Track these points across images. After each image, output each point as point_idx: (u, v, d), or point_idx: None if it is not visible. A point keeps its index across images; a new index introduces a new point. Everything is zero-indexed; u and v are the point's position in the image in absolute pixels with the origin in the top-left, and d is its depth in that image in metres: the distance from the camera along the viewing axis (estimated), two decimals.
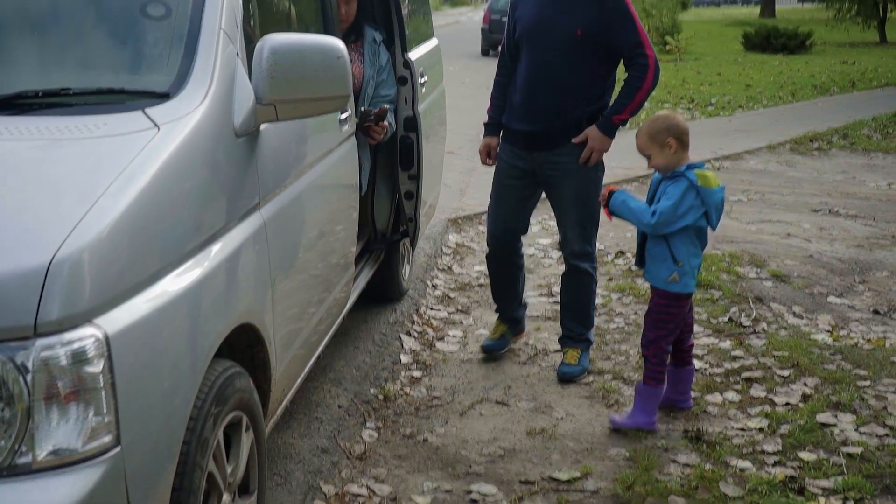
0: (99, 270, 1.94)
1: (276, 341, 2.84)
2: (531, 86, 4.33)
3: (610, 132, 4.30)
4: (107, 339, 1.91)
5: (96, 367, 1.88)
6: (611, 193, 3.90)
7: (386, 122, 4.45)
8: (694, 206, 3.75)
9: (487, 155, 4.64)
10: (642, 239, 3.96)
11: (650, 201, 3.88)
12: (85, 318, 1.89)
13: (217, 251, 2.41)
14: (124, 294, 2.01)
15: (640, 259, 3.99)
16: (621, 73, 4.37)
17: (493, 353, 4.72)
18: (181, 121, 2.34)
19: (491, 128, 4.61)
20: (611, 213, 3.95)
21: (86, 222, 1.94)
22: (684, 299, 3.93)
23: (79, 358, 1.86)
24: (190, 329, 2.23)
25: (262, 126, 2.73)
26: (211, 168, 2.43)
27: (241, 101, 2.60)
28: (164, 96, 2.43)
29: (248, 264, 2.60)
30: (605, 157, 4.40)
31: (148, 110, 2.35)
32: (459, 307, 5.54)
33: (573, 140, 4.30)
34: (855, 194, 8.40)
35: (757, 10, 54.49)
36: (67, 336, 1.86)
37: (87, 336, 1.88)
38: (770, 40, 25.39)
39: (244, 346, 2.71)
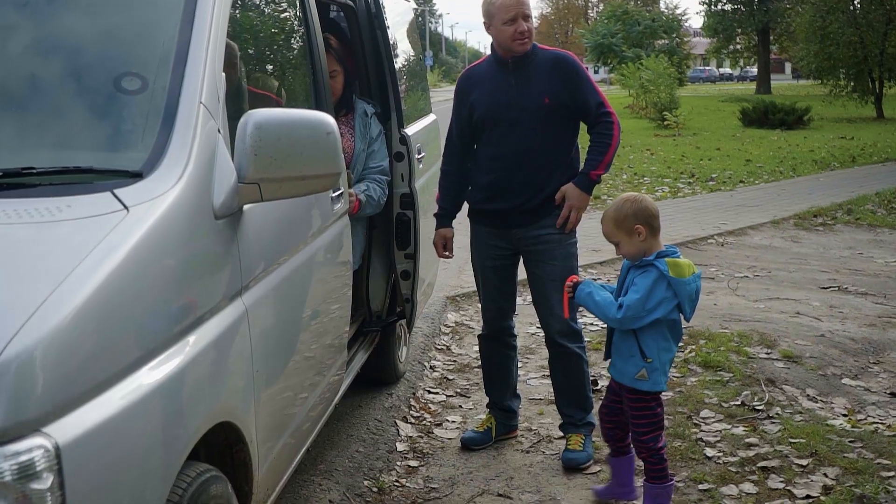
0: (52, 371, 1.73)
1: (259, 439, 2.61)
2: (507, 163, 4.20)
3: (588, 189, 4.22)
4: (57, 450, 1.69)
5: (44, 484, 1.66)
6: (576, 284, 3.64)
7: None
8: (665, 299, 3.46)
9: (444, 247, 4.51)
10: (610, 331, 3.69)
11: (620, 289, 3.62)
12: (33, 426, 1.68)
13: (192, 344, 2.19)
14: (82, 397, 1.79)
15: (609, 352, 3.72)
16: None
17: (471, 446, 4.46)
18: (153, 202, 2.15)
19: (444, 218, 4.49)
20: (573, 305, 3.71)
21: (38, 318, 1.73)
22: (656, 397, 3.65)
23: (24, 472, 1.64)
24: (159, 434, 2.01)
25: (246, 207, 2.54)
26: (186, 253, 2.23)
27: (221, 181, 2.42)
28: (136, 176, 2.25)
29: (227, 357, 2.39)
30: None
31: (117, 191, 2.16)
32: (458, 390, 5.32)
33: (556, 197, 4.19)
34: (863, 271, 8.20)
35: (752, 85, 55.20)
36: (12, 448, 1.64)
37: (34, 447, 1.66)
38: (768, 116, 25.47)
39: (222, 445, 2.48)
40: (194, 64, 2.47)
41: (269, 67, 3.54)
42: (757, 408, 4.87)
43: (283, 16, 3.60)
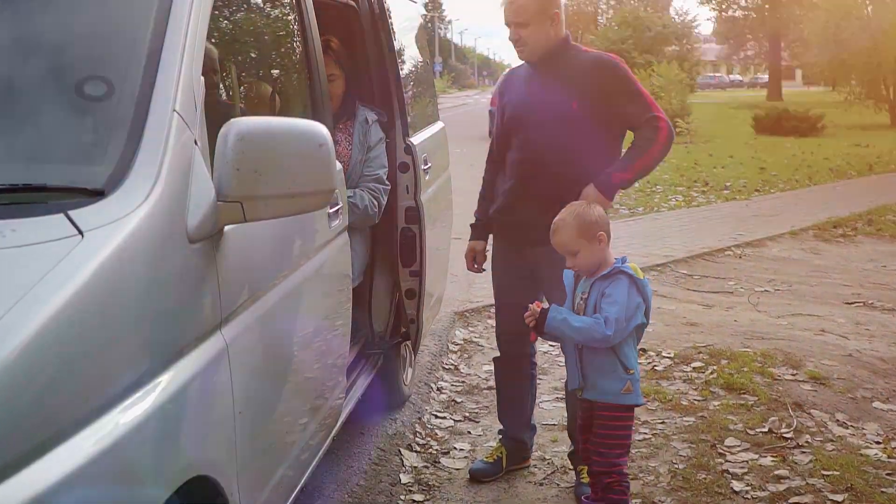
0: None
1: (242, 490, 2.31)
2: (525, 170, 3.89)
3: (608, 192, 3.76)
4: None
5: None
6: (543, 312, 3.33)
7: None
8: (639, 304, 3.30)
9: (473, 260, 4.19)
10: (575, 354, 3.41)
11: (573, 307, 3.40)
12: None
13: (159, 390, 1.89)
14: (13, 464, 1.50)
15: (577, 377, 3.43)
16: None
17: (480, 478, 4.15)
18: (114, 225, 1.85)
19: (478, 229, 4.18)
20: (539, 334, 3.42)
21: None
22: (633, 411, 3.46)
23: None
24: (117, 499, 1.71)
25: (227, 228, 2.25)
26: (153, 284, 1.93)
27: (198, 199, 2.12)
28: (98, 194, 1.95)
29: (203, 401, 2.09)
30: None
31: (72, 212, 1.86)
32: (467, 414, 5.02)
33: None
34: (888, 285, 7.88)
35: (763, 92, 54.89)
36: None
37: None
38: (781, 123, 25.15)
39: (198, 497, 2.18)
40: (168, 66, 2.17)
41: (258, 71, 3.25)
42: (785, 435, 4.56)
43: (275, 14, 3.31)
